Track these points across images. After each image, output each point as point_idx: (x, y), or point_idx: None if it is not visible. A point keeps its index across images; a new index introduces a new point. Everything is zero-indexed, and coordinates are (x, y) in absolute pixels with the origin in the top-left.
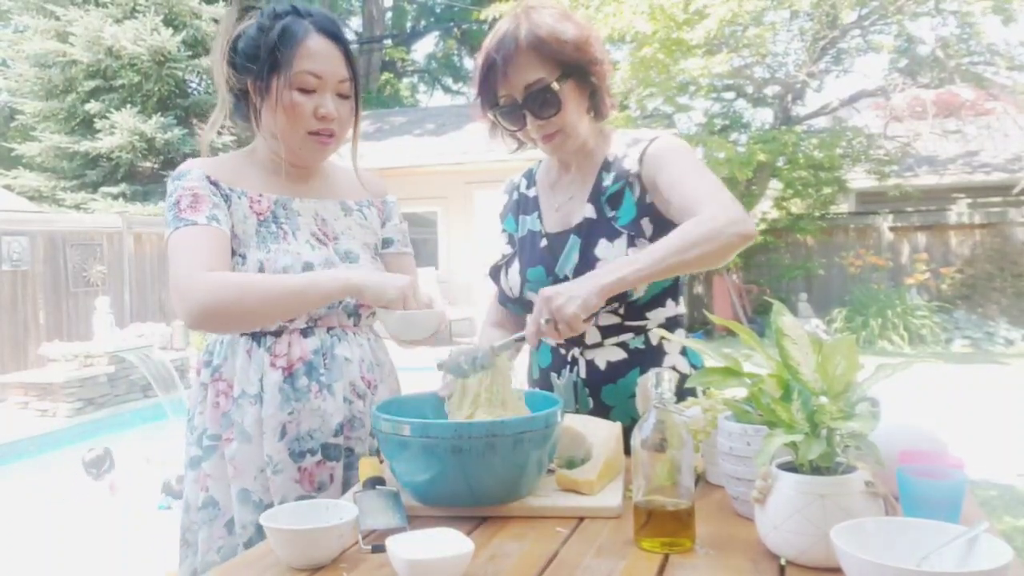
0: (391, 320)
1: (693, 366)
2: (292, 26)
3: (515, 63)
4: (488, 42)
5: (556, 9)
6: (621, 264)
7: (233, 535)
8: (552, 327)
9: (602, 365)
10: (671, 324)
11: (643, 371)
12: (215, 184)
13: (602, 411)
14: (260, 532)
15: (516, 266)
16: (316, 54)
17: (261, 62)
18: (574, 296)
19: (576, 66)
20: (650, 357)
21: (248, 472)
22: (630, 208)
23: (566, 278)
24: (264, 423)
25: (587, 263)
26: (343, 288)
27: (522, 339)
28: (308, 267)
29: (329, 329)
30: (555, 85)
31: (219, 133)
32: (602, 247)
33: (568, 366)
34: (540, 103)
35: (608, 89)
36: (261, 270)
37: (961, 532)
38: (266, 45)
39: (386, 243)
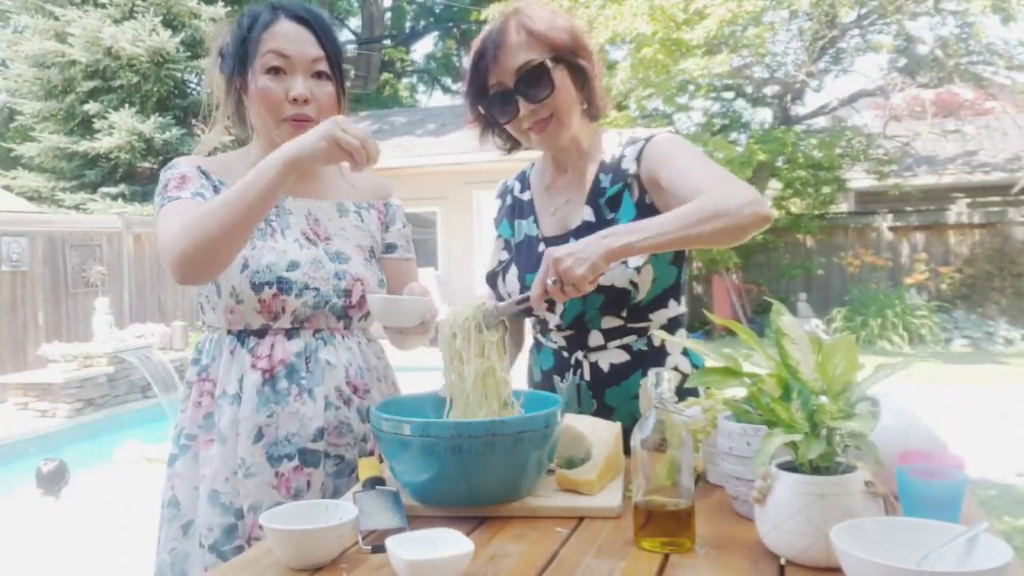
0: (375, 305)
1: (695, 366)
2: (261, 15)
3: (507, 48)
4: (478, 37)
5: (546, 7)
6: (631, 228)
7: (188, 538)
8: (558, 288)
9: (605, 367)
10: (673, 324)
11: (646, 372)
12: (205, 174)
13: (605, 413)
14: (227, 535)
15: (514, 272)
16: (282, 35)
17: (237, 56)
18: (582, 258)
19: (568, 51)
20: (653, 358)
21: (220, 473)
22: (629, 210)
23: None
24: (240, 424)
25: None
26: (281, 165)
27: (526, 299)
28: (293, 265)
29: (316, 332)
30: (548, 63)
31: None
32: None
33: (572, 369)
34: (533, 84)
35: (600, 87)
36: (245, 266)
37: (961, 532)
38: (239, 39)
39: (389, 248)
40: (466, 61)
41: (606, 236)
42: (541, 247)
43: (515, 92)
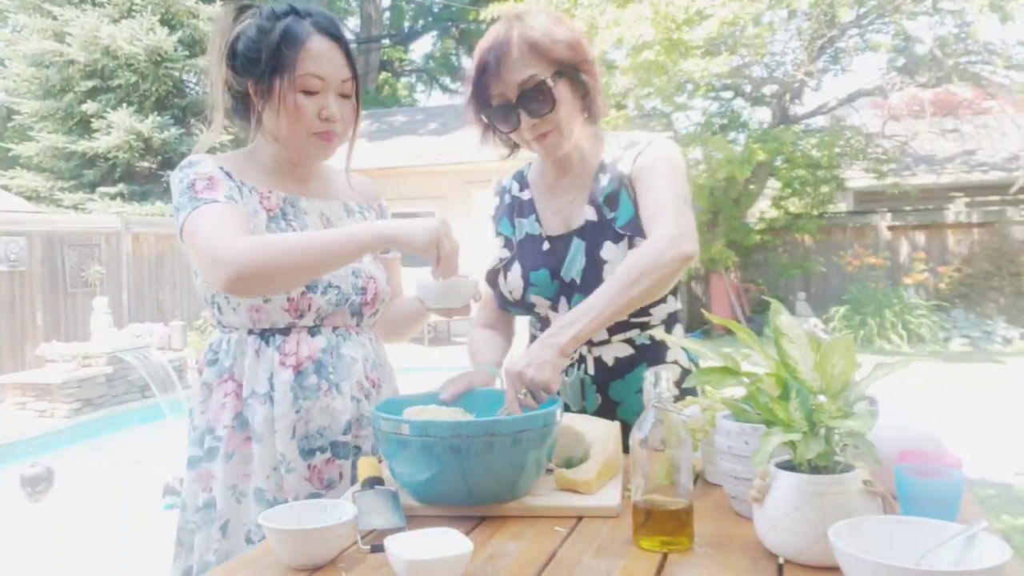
0: (430, 288)
1: (693, 360)
2: (293, 27)
3: (509, 62)
4: (481, 45)
5: (547, 13)
6: (574, 319)
7: (228, 537)
8: (530, 398)
9: (610, 361)
10: (671, 319)
11: (650, 365)
12: (228, 175)
13: (609, 407)
14: None
15: (517, 269)
16: (319, 56)
17: (263, 64)
18: (541, 363)
19: (569, 65)
20: (655, 351)
21: (261, 471)
22: (627, 209)
23: (573, 282)
24: (276, 422)
25: (594, 265)
26: (375, 238)
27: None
28: None
29: (335, 329)
30: (550, 82)
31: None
32: (607, 249)
33: (576, 364)
34: (535, 100)
35: (600, 91)
36: None
37: (959, 531)
38: (268, 47)
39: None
40: (469, 65)
41: (552, 335)
42: (545, 245)
43: (517, 106)
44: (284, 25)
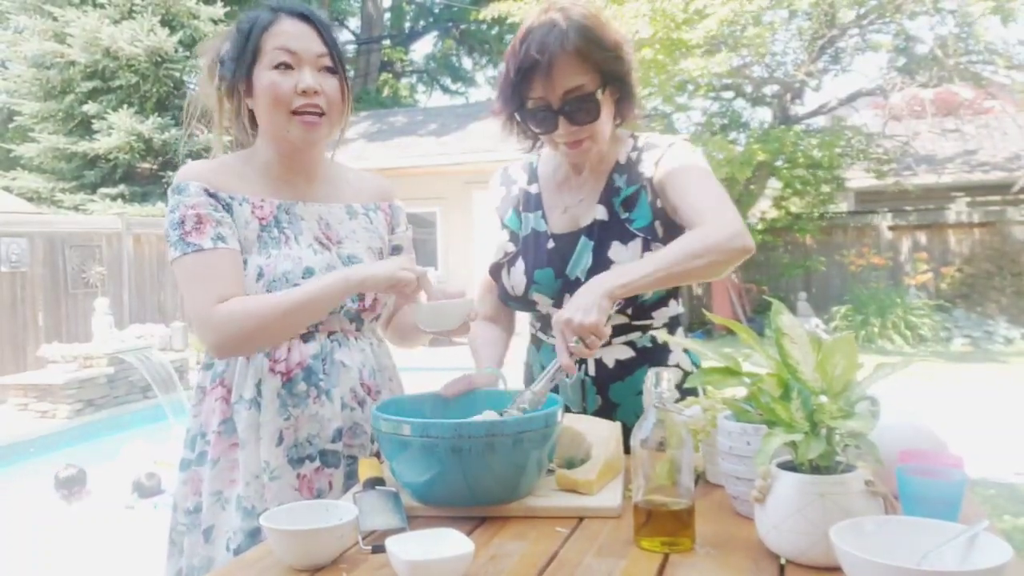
0: (421, 311)
1: (695, 363)
2: (263, 17)
3: (560, 66)
4: (525, 40)
5: (592, 11)
6: (627, 269)
7: (209, 544)
8: (582, 346)
9: (610, 363)
10: (673, 323)
11: (651, 368)
12: (214, 195)
13: (609, 408)
14: (250, 538)
15: (520, 266)
16: (287, 33)
17: (241, 59)
18: (588, 306)
19: (616, 75)
20: (657, 354)
21: (243, 478)
22: (646, 212)
23: (578, 280)
24: (261, 428)
25: (601, 265)
26: (346, 288)
27: (559, 370)
28: (309, 272)
29: (330, 334)
30: (598, 94)
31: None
32: (615, 249)
33: (577, 365)
34: (579, 110)
35: (636, 96)
36: (261, 275)
37: (961, 531)
38: (242, 42)
39: (395, 251)
40: (508, 59)
41: (604, 280)
42: (550, 243)
43: (559, 112)
44: (254, 17)
